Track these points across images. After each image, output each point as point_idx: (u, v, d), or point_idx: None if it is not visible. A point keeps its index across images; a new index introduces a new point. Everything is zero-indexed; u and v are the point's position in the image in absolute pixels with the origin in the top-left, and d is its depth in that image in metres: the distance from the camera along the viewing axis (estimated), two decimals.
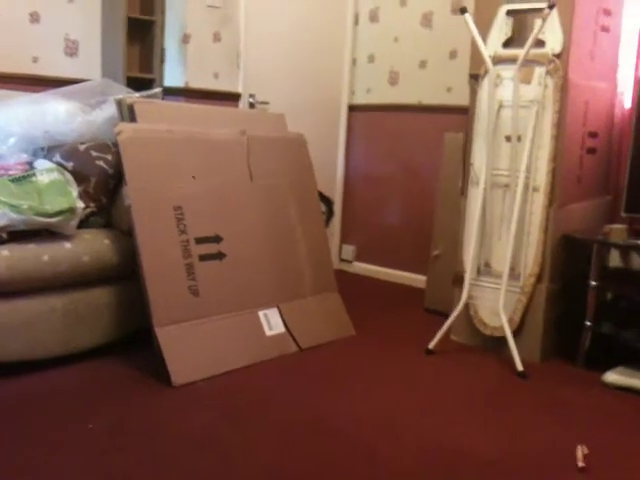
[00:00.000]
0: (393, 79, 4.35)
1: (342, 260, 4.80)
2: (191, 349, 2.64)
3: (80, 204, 2.64)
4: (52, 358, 2.61)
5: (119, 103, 2.77)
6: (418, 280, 4.21)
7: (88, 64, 3.60)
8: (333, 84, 4.53)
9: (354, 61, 4.56)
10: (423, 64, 4.18)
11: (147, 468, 1.93)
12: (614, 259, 3.03)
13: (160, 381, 2.53)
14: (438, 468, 2.02)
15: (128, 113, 2.75)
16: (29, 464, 1.92)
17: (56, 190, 2.59)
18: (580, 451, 2.13)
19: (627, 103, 3.25)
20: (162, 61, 3.72)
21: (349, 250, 4.76)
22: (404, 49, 4.26)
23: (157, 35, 3.66)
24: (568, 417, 2.44)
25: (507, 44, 2.96)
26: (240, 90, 3.97)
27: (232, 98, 3.93)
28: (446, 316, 3.14)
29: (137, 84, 3.51)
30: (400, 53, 4.29)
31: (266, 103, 4.10)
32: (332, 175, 4.66)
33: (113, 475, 1.88)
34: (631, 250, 2.86)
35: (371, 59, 4.46)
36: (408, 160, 4.34)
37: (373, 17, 4.41)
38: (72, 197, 2.60)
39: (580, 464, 2.06)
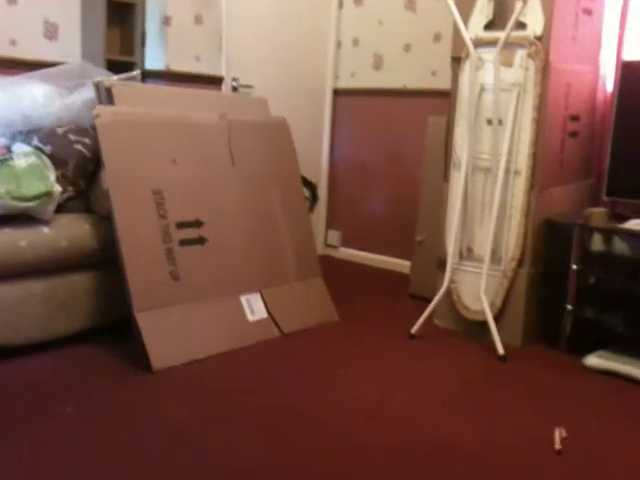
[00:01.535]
0: (377, 63, 4.32)
1: (328, 245, 4.79)
2: (172, 334, 2.63)
3: (58, 188, 2.61)
4: (31, 344, 2.59)
5: (97, 86, 2.74)
6: (404, 266, 4.21)
7: (68, 47, 3.55)
8: (318, 68, 4.50)
9: (339, 44, 4.52)
10: (407, 47, 4.16)
11: (120, 457, 1.92)
12: (596, 243, 3.03)
13: (140, 367, 2.52)
14: (415, 454, 2.02)
15: (106, 96, 2.72)
16: (2, 451, 1.91)
17: (33, 174, 2.56)
18: (558, 434, 2.14)
19: (609, 86, 3.24)
20: (143, 44, 3.67)
21: (335, 235, 4.75)
22: (388, 32, 4.24)
23: (138, 17, 3.60)
24: (547, 400, 2.45)
25: (488, 27, 2.94)
26: (223, 73, 3.93)
27: (215, 81, 3.89)
28: (430, 301, 3.14)
29: (118, 67, 3.46)
30: (384, 37, 4.26)
31: (250, 87, 4.07)
32: (317, 160, 4.64)
33: (85, 463, 1.87)
34: (611, 234, 2.86)
35: (355, 42, 4.43)
36: (393, 145, 4.33)
37: (357, 0, 4.38)
38: (49, 181, 2.58)
39: (557, 447, 2.07)
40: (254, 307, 2.95)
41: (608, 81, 3.25)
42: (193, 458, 1.92)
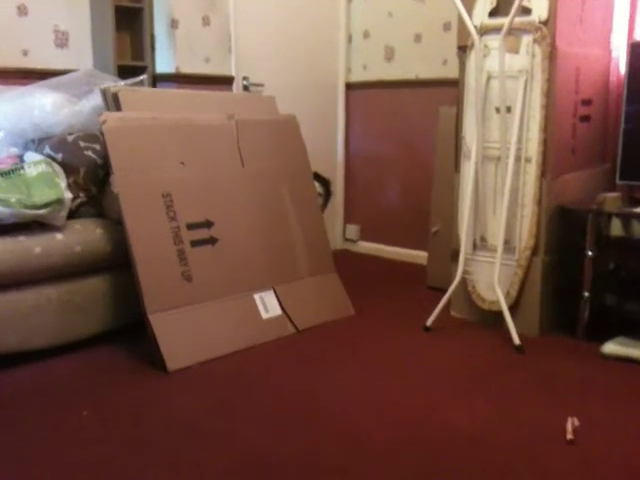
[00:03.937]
0: (389, 54, 4.29)
1: (347, 240, 4.79)
2: (186, 334, 2.66)
3: (68, 195, 2.66)
4: (49, 348, 2.65)
5: (104, 92, 2.77)
6: (422, 257, 4.19)
7: (79, 55, 3.60)
8: (329, 62, 4.49)
9: (349, 38, 4.51)
10: (418, 38, 4.12)
11: (133, 455, 1.95)
12: (611, 228, 2.98)
13: (156, 368, 2.56)
14: (421, 445, 2.02)
15: (113, 102, 2.75)
16: (21, 453, 1.95)
17: (44, 182, 2.61)
18: (570, 424, 2.11)
19: (622, 69, 3.18)
20: (153, 48, 3.71)
21: (353, 229, 4.74)
22: (398, 24, 4.21)
23: (146, 22, 3.64)
24: (562, 390, 2.42)
25: (494, 13, 2.90)
26: (233, 73, 3.95)
27: (225, 82, 3.91)
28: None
29: (129, 72, 3.50)
30: (395, 28, 4.23)
31: (261, 85, 4.08)
32: (332, 155, 4.64)
33: (99, 463, 1.91)
34: (625, 218, 2.81)
35: (366, 35, 4.41)
36: (407, 136, 4.30)
37: None
38: (60, 188, 2.62)
39: (569, 437, 2.05)
40: (268, 304, 2.96)
41: (621, 63, 3.18)
42: (200, 452, 1.94)
